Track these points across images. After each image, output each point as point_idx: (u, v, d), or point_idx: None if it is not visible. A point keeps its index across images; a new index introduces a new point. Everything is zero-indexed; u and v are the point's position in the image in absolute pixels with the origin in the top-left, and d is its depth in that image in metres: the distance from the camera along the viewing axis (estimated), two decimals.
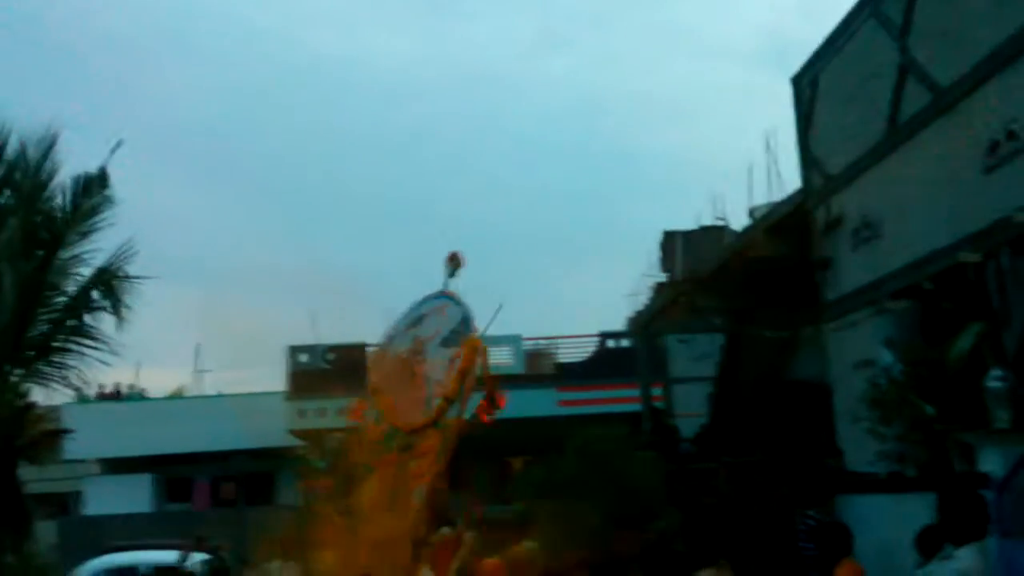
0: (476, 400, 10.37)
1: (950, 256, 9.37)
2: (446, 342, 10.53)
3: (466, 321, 10.52)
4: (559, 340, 29.93)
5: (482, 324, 10.39)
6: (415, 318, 11.01)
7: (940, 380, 8.93)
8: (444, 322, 10.65)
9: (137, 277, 13.41)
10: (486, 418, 10.50)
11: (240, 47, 67.21)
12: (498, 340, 28.47)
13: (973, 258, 8.85)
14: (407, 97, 65.90)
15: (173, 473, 30.53)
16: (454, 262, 10.91)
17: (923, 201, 10.25)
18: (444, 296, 11.01)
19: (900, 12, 10.59)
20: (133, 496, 28.81)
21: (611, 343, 28.24)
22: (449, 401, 10.24)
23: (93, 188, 13.27)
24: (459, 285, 11.01)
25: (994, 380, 8.19)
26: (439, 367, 10.35)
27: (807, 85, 13.13)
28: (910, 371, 9.38)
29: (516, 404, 28.29)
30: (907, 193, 10.59)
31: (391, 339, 11.18)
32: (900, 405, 9.32)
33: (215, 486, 30.81)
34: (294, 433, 24.67)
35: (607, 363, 27.06)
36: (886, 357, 10.07)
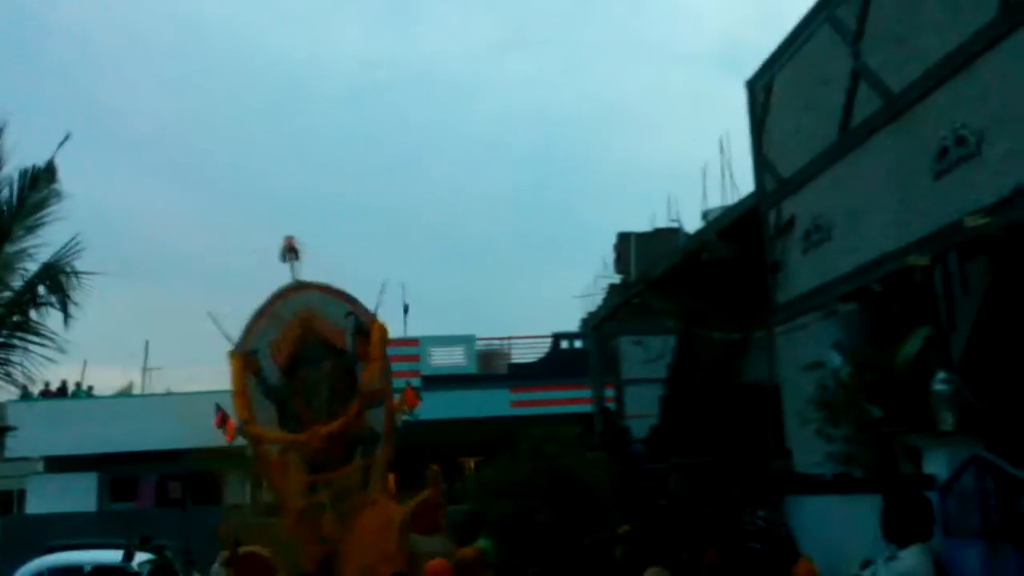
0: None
1: (899, 260, 9.48)
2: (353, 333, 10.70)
3: (359, 312, 10.70)
4: (512, 340, 29.95)
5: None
6: (277, 316, 10.98)
7: (887, 383, 9.01)
8: (341, 309, 10.81)
9: (85, 273, 13.13)
10: (413, 401, 10.66)
11: (197, 43, 66.42)
12: (451, 340, 28.52)
13: (921, 262, 8.94)
14: (365, 97, 65.55)
15: (119, 472, 30.02)
16: (291, 251, 10.97)
17: (873, 205, 10.36)
18: (311, 289, 11.05)
19: (854, 18, 10.70)
20: (77, 495, 28.27)
21: (564, 344, 28.29)
22: (366, 395, 10.38)
23: (41, 182, 12.98)
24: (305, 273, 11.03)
25: (940, 383, 8.28)
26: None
27: (761, 89, 13.22)
28: (858, 374, 9.45)
29: (469, 404, 28.49)
30: (857, 197, 10.70)
31: (257, 347, 11.09)
32: (847, 407, 9.40)
33: (161, 485, 30.36)
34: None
35: (560, 364, 27.12)
36: (834, 360, 10.16)
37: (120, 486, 30.23)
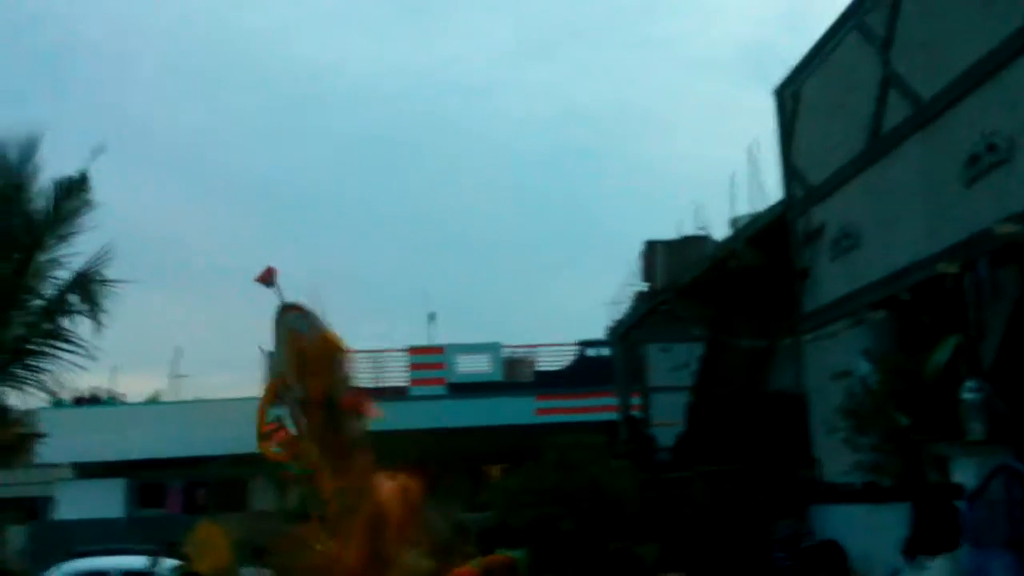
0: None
1: (928, 267, 9.41)
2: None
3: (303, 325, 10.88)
4: (538, 348, 29.90)
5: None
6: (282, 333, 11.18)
7: (916, 391, 8.94)
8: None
9: (115, 281, 13.27)
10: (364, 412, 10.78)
11: (221, 53, 66.89)
12: (477, 348, 28.51)
13: (951, 269, 8.87)
14: (387, 103, 65.79)
15: (146, 479, 30.22)
16: (267, 279, 11.21)
17: (903, 212, 10.29)
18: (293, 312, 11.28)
19: (883, 25, 10.65)
20: (105, 501, 28.46)
21: (590, 352, 28.22)
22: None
23: (73, 192, 13.15)
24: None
25: (969, 392, 8.21)
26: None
27: (790, 97, 13.18)
28: (887, 382, 9.39)
29: (494, 411, 28.37)
30: (887, 204, 10.63)
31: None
32: (876, 416, 9.33)
33: (188, 492, 30.54)
34: None
35: (586, 371, 27.04)
36: (863, 368, 10.09)
37: (148, 492, 30.42)
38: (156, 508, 30.24)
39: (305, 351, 11.37)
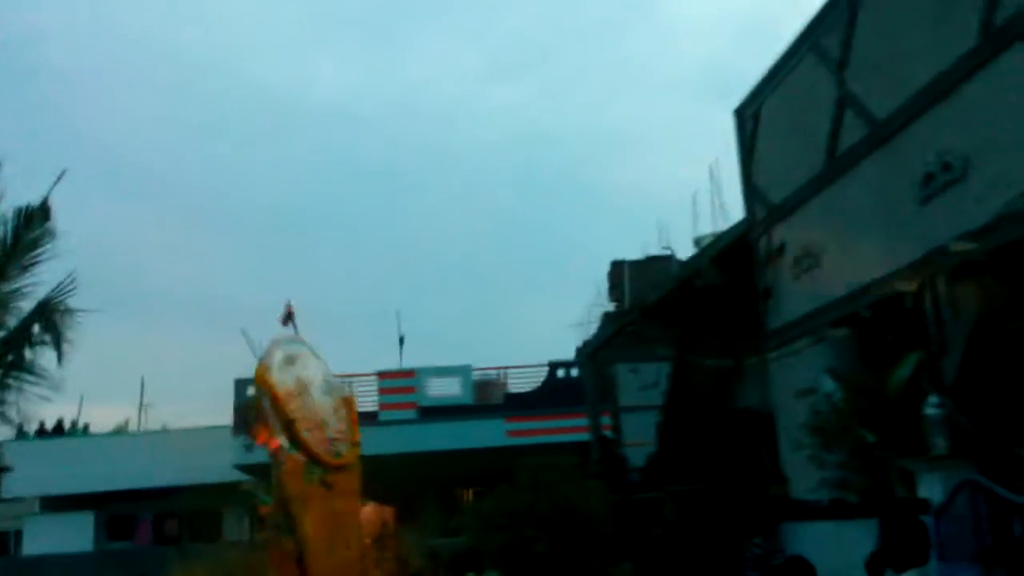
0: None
1: (888, 285, 9.54)
2: (325, 392, 11.31)
3: (329, 378, 11.46)
4: (508, 370, 29.91)
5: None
6: (289, 356, 11.46)
7: (880, 408, 9.06)
8: (317, 370, 11.40)
9: (80, 310, 13.15)
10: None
11: (184, 75, 66.65)
12: (447, 371, 28.46)
13: (910, 287, 9.01)
14: (354, 125, 65.80)
15: (115, 511, 29.86)
16: (287, 316, 11.63)
17: (861, 231, 10.44)
18: (300, 342, 11.69)
19: (838, 46, 10.83)
20: (74, 535, 28.11)
21: (560, 373, 28.28)
22: (357, 446, 10.96)
23: (35, 220, 13.02)
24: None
25: (932, 407, 8.34)
26: (330, 413, 11.09)
27: (749, 117, 13.34)
28: (851, 399, 9.50)
29: (465, 434, 28.33)
30: (846, 223, 10.78)
31: (271, 368, 11.55)
32: (841, 432, 9.43)
33: (158, 523, 30.20)
34: (240, 468, 24.31)
35: (556, 393, 27.08)
36: (827, 385, 10.20)
37: (117, 525, 30.07)
38: (126, 540, 29.89)
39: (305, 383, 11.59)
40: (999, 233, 8.06)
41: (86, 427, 33.28)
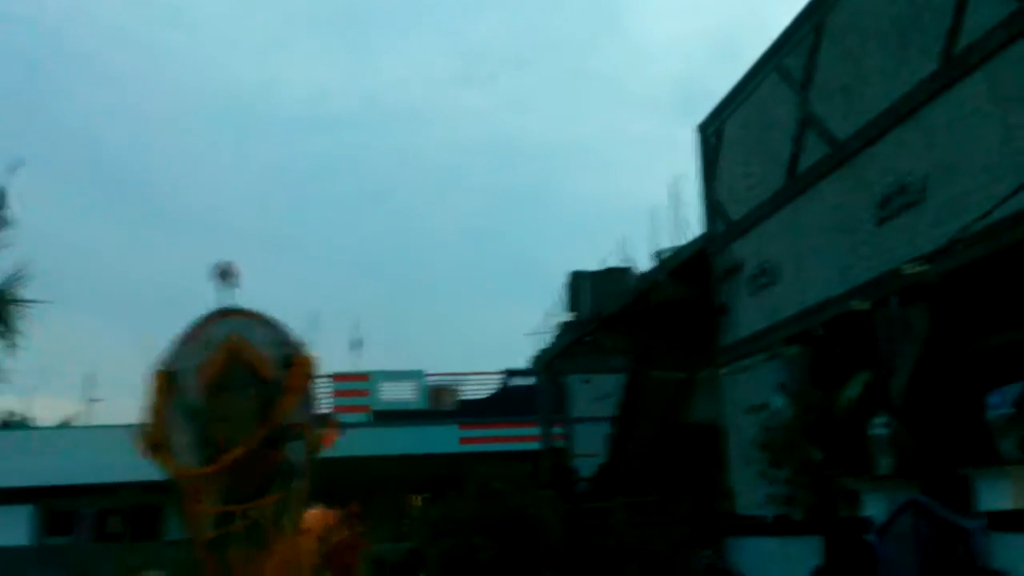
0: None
1: (841, 304, 9.62)
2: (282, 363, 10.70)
3: (287, 343, 10.71)
4: (463, 377, 29.83)
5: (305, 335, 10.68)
6: (209, 340, 10.87)
7: (828, 426, 9.12)
8: (270, 339, 10.76)
9: (30, 301, 12.89)
10: (328, 440, 10.65)
11: (151, 70, 65.83)
12: (402, 375, 28.33)
13: (863, 307, 9.09)
14: (320, 127, 65.43)
15: (56, 506, 29.29)
16: (228, 274, 10.93)
17: (818, 250, 10.53)
18: (239, 317, 10.99)
19: (801, 68, 10.94)
20: (11, 528, 27.49)
21: (515, 381, 28.24)
22: (272, 425, 10.35)
23: None
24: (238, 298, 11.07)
25: (878, 427, 8.41)
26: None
27: (712, 134, 13.43)
28: (800, 416, 9.56)
29: (418, 440, 28.11)
30: (803, 242, 10.88)
31: (181, 366, 10.98)
32: (789, 449, 9.49)
33: (100, 519, 29.67)
34: None
35: (510, 401, 27.05)
36: (777, 401, 10.27)
37: (57, 519, 29.45)
38: (65, 536, 29.33)
39: (251, 362, 11.05)
40: (952, 256, 8.16)
41: (27, 420, 32.66)
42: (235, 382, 11.03)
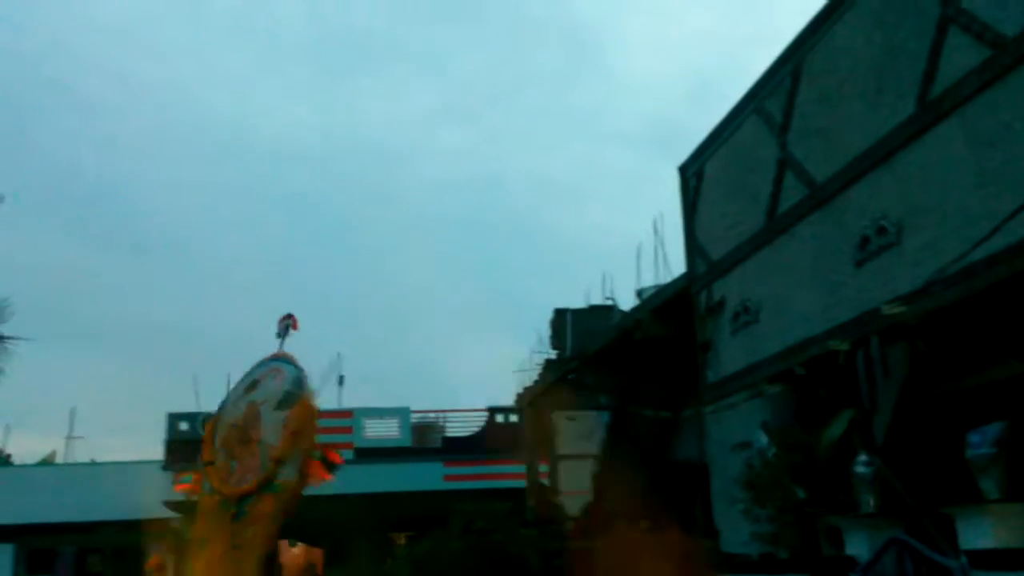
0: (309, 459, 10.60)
1: (822, 344, 9.74)
2: (281, 404, 10.71)
3: (299, 382, 10.77)
4: (447, 413, 29.81)
5: (320, 381, 10.76)
6: (250, 383, 11.13)
7: (812, 464, 9.20)
8: (279, 385, 10.85)
9: (10, 337, 12.88)
10: (325, 475, 10.65)
11: (131, 100, 66.02)
12: (386, 412, 28.28)
13: (843, 347, 9.20)
14: (300, 161, 65.68)
15: (37, 544, 29.02)
16: (287, 324, 11.17)
17: (798, 290, 10.67)
18: (279, 359, 11.20)
19: (780, 111, 11.13)
20: None
21: (499, 418, 28.26)
22: (279, 462, 10.40)
23: None
24: (294, 347, 11.25)
25: (861, 465, 8.51)
26: (272, 430, 10.55)
27: (693, 174, 13.60)
28: (783, 454, 9.64)
29: (402, 477, 28.10)
30: (784, 282, 11.01)
31: (225, 407, 11.26)
32: (773, 488, 9.56)
33: (80, 558, 29.38)
34: (169, 505, 23.83)
35: (495, 438, 27.04)
36: (761, 440, 10.35)
37: (37, 558, 29.18)
38: (45, 575, 29.05)
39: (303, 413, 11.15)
40: (930, 298, 8.30)
41: (8, 457, 32.40)
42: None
